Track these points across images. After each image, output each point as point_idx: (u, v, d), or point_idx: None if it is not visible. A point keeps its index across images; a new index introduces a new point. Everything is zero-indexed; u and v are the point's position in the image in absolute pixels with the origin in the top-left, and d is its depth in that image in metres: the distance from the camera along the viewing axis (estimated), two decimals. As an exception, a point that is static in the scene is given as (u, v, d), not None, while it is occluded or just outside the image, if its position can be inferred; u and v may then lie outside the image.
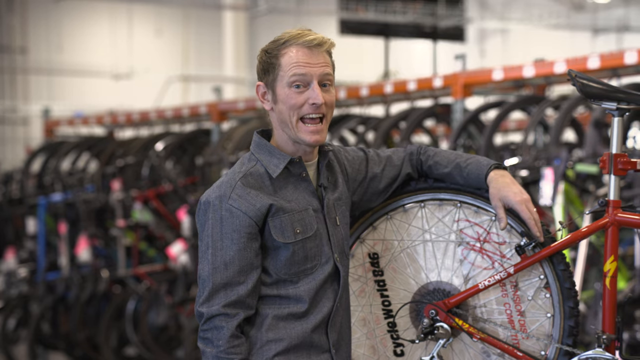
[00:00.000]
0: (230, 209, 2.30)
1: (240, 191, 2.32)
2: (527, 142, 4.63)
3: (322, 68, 2.34)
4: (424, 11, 15.35)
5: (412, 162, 2.61)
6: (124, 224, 6.86)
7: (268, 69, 2.35)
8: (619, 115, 2.44)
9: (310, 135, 2.35)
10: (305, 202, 2.38)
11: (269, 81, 2.36)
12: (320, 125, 2.36)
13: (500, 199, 2.45)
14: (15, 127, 17.58)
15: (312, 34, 2.35)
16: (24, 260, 7.94)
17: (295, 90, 2.33)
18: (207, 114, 6.87)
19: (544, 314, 2.52)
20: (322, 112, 2.35)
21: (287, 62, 2.32)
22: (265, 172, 2.37)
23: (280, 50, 2.33)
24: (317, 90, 2.33)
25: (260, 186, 2.35)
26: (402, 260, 2.64)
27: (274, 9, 14.70)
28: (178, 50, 18.64)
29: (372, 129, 5.55)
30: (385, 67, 17.13)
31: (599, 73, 4.43)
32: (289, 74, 2.32)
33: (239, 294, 2.29)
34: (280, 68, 2.33)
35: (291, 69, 2.32)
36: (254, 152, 2.41)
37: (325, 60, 2.35)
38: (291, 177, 2.39)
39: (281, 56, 2.33)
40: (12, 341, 7.75)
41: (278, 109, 2.36)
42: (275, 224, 2.33)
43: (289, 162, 2.37)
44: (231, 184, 2.33)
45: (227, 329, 2.27)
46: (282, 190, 2.36)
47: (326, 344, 2.39)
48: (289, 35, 2.35)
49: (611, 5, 17.48)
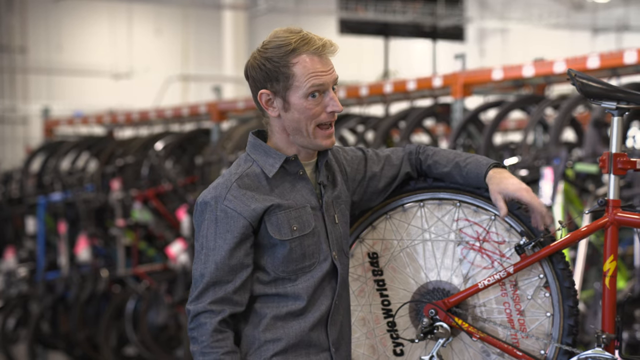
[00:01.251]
0: (225, 209, 2.31)
1: (236, 192, 2.32)
2: (527, 141, 4.63)
3: (334, 74, 2.37)
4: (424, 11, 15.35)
5: (411, 162, 2.61)
6: (123, 223, 6.86)
7: (277, 77, 2.33)
8: (618, 115, 2.44)
9: (327, 139, 2.38)
10: (303, 200, 2.38)
11: (278, 89, 2.34)
12: (333, 129, 2.40)
13: (499, 192, 2.45)
14: (15, 126, 17.59)
15: (314, 37, 2.35)
16: (24, 259, 7.95)
17: (313, 100, 2.33)
18: (207, 113, 6.87)
19: (544, 313, 2.52)
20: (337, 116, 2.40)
21: (303, 73, 2.32)
22: (261, 172, 2.37)
23: (289, 59, 2.32)
24: (334, 99, 2.36)
25: (257, 187, 2.35)
26: (402, 260, 2.64)
27: (273, 9, 14.69)
28: (178, 50, 18.64)
29: (371, 128, 5.55)
30: (384, 67, 17.12)
31: (599, 72, 4.43)
32: (307, 85, 2.32)
33: (226, 291, 2.30)
34: (294, 78, 2.32)
35: (309, 80, 2.31)
36: (250, 153, 2.41)
37: (332, 65, 2.38)
38: (288, 175, 2.39)
39: (292, 66, 2.32)
40: (11, 341, 7.75)
41: (291, 117, 2.36)
42: (272, 221, 2.33)
43: (285, 160, 2.37)
44: (227, 185, 2.34)
45: (210, 324, 2.29)
46: (279, 189, 2.37)
47: (325, 343, 2.39)
48: (294, 41, 2.32)
49: (611, 4, 17.48)
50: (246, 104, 6.44)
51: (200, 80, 16.51)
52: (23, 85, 17.34)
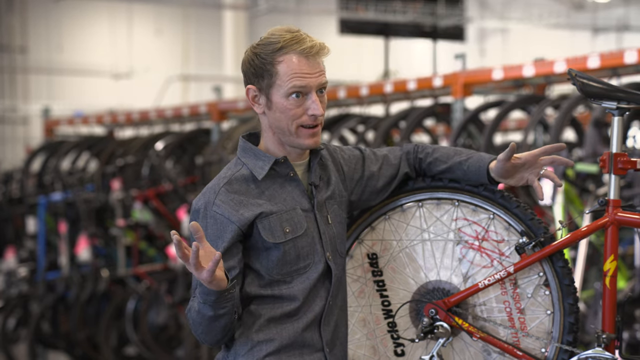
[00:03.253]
0: (214, 215, 2.30)
1: (224, 197, 2.31)
2: (527, 141, 4.63)
3: (320, 77, 2.33)
4: (424, 11, 15.34)
5: (410, 161, 2.60)
6: (123, 223, 6.86)
7: (262, 74, 2.32)
8: (619, 115, 2.44)
9: (309, 139, 2.35)
10: (293, 202, 2.37)
11: (262, 86, 2.33)
12: (317, 129, 2.36)
13: (503, 176, 2.47)
14: (15, 126, 17.59)
15: (307, 38, 2.32)
16: (24, 259, 7.95)
17: (294, 101, 2.31)
18: (207, 113, 6.87)
19: (544, 311, 2.53)
20: (320, 120, 2.36)
21: (286, 72, 2.29)
22: (250, 175, 2.36)
23: (275, 56, 2.30)
24: (316, 102, 2.31)
25: (246, 190, 2.34)
26: (401, 260, 2.64)
27: (274, 9, 14.69)
28: (178, 50, 18.65)
29: (372, 128, 5.55)
30: (385, 67, 17.11)
31: (599, 72, 4.42)
32: (289, 85, 2.29)
33: None
34: (277, 77, 2.30)
35: (291, 80, 2.29)
36: (240, 157, 2.40)
37: (321, 68, 2.34)
38: (278, 177, 2.38)
39: (277, 64, 2.30)
40: (12, 340, 7.75)
41: (273, 116, 2.34)
42: (264, 226, 2.32)
43: (275, 162, 2.36)
44: (215, 189, 2.33)
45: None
46: (269, 191, 2.36)
47: (319, 343, 2.38)
48: (283, 39, 2.30)
49: (611, 4, 17.47)
50: (246, 104, 6.44)
51: (201, 80, 16.51)
52: (23, 85, 17.34)
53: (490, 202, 2.54)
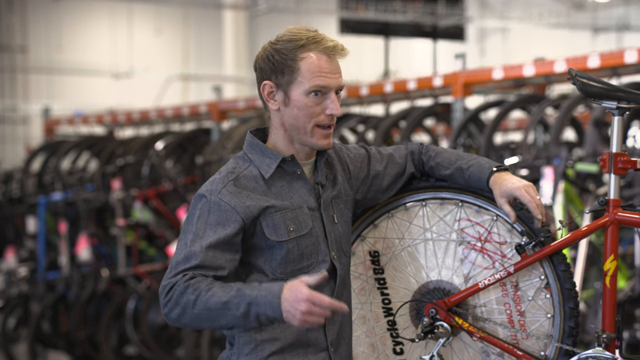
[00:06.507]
0: (219, 202, 2.29)
1: (232, 189, 2.31)
2: (527, 141, 4.63)
3: (340, 79, 2.36)
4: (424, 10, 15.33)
5: (414, 162, 2.61)
6: (124, 223, 6.86)
7: (283, 70, 2.32)
8: (619, 114, 2.45)
9: (324, 139, 2.36)
10: (300, 200, 2.37)
11: (281, 82, 2.34)
12: (331, 130, 2.38)
13: (501, 196, 2.45)
14: (15, 126, 17.58)
15: (328, 38, 2.34)
16: (24, 259, 7.95)
17: (314, 99, 2.32)
18: (207, 113, 6.87)
19: (544, 314, 2.52)
20: (334, 120, 2.38)
21: (308, 70, 2.31)
22: (258, 173, 2.36)
23: (297, 53, 2.31)
24: (335, 102, 2.34)
25: (253, 187, 2.34)
26: (403, 259, 2.64)
27: (274, 8, 14.68)
28: (178, 50, 18.64)
29: (372, 128, 5.55)
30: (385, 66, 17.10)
31: (599, 72, 4.43)
32: (311, 83, 2.31)
33: (199, 259, 2.22)
34: (299, 73, 2.31)
35: (313, 79, 2.30)
36: (247, 152, 2.40)
37: (340, 70, 2.36)
38: (286, 175, 2.38)
39: (300, 60, 2.31)
40: (12, 340, 7.75)
41: (290, 113, 2.35)
42: (268, 223, 2.32)
43: (282, 160, 2.37)
44: (224, 181, 2.33)
45: (183, 280, 2.19)
46: (276, 189, 2.36)
47: (324, 342, 2.38)
48: (306, 37, 2.32)
49: (611, 4, 17.47)
50: (246, 103, 6.44)
51: (201, 79, 16.51)
52: (23, 85, 17.33)
53: (493, 203, 2.54)
